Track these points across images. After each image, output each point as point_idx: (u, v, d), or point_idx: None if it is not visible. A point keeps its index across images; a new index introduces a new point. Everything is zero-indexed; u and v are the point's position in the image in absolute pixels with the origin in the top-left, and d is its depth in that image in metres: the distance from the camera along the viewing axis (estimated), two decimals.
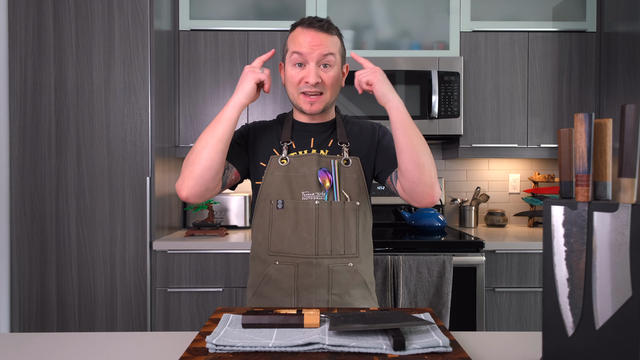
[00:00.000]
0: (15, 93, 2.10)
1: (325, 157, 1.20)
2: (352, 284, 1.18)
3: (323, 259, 1.15)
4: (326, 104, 1.19)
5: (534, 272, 2.15)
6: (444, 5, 2.44)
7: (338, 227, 1.17)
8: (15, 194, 2.10)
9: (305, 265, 1.15)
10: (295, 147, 1.23)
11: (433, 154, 2.80)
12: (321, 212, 1.16)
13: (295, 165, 1.19)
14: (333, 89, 1.19)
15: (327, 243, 1.16)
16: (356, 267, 1.19)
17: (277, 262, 1.17)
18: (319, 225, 1.16)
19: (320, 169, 1.18)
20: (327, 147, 1.23)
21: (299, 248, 1.16)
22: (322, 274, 1.15)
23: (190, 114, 2.43)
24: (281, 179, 1.18)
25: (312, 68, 1.14)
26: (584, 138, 0.67)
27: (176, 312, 2.14)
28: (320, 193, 1.17)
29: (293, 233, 1.16)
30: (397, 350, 0.75)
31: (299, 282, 1.16)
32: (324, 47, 1.14)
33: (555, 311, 0.69)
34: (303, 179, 1.18)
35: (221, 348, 0.77)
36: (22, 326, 2.11)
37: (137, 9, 2.11)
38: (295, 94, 1.19)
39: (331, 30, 1.17)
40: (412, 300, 2.01)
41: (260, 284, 1.20)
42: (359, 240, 1.20)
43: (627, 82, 2.21)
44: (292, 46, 1.17)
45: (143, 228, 2.12)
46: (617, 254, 0.64)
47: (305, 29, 1.16)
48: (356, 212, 1.20)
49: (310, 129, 1.25)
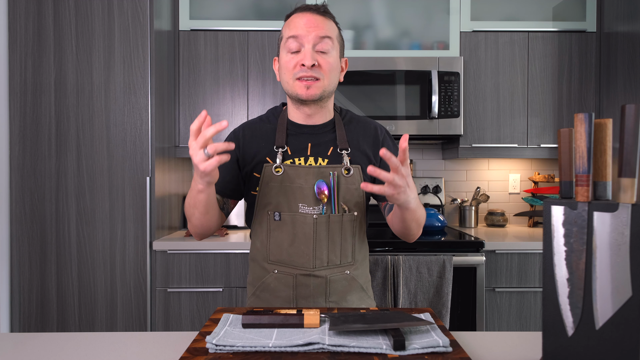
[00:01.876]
0: (15, 93, 2.10)
1: (323, 168, 1.14)
2: (349, 290, 1.17)
3: (320, 270, 1.14)
4: (323, 90, 1.11)
5: (534, 272, 2.15)
6: (444, 5, 2.44)
7: (335, 240, 1.14)
8: (15, 194, 2.10)
9: (304, 276, 1.14)
10: (290, 153, 1.15)
11: (433, 154, 2.81)
12: (319, 226, 1.13)
13: (291, 175, 1.13)
14: (331, 75, 1.12)
15: (325, 256, 1.14)
16: (352, 273, 1.18)
17: (275, 270, 1.16)
18: (316, 240, 1.13)
19: (316, 182, 1.12)
20: (327, 156, 1.15)
21: (297, 260, 1.14)
22: (319, 284, 1.14)
23: (190, 114, 2.42)
24: (277, 190, 1.13)
25: (309, 50, 1.08)
26: (584, 138, 0.67)
27: (176, 312, 2.14)
28: (318, 207, 1.13)
29: (291, 245, 1.13)
30: (397, 350, 0.75)
31: (297, 292, 1.14)
32: (320, 29, 1.09)
33: (555, 311, 0.69)
34: (300, 191, 1.13)
35: (221, 348, 0.77)
36: (22, 326, 2.11)
37: (137, 9, 2.11)
38: (290, 81, 1.11)
39: (327, 15, 1.13)
40: (412, 300, 2.01)
41: (258, 288, 1.19)
42: (355, 249, 1.18)
43: (627, 82, 2.21)
44: (287, 31, 1.11)
45: (143, 228, 2.12)
46: (617, 254, 0.64)
47: (300, 13, 1.12)
48: (353, 223, 1.17)
49: (307, 132, 1.17)
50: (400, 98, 2.32)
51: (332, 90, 1.15)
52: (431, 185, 2.70)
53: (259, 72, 2.42)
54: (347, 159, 1.15)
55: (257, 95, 2.43)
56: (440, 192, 2.70)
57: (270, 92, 2.43)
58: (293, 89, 1.12)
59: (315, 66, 1.09)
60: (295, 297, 1.15)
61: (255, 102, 2.43)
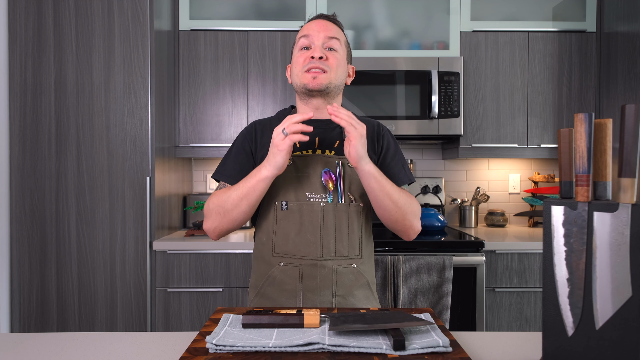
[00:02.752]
0: (15, 93, 2.10)
1: (330, 157, 1.18)
2: (356, 285, 1.18)
3: (327, 261, 1.14)
4: (330, 81, 1.17)
5: (534, 272, 2.15)
6: (444, 5, 2.44)
7: (343, 229, 1.16)
8: (15, 194, 2.10)
9: (310, 267, 1.14)
10: (299, 146, 1.21)
11: (433, 154, 2.81)
12: (326, 214, 1.15)
13: (299, 165, 1.17)
14: (337, 70, 1.19)
15: (332, 245, 1.15)
16: (359, 268, 1.18)
17: (281, 263, 1.16)
18: (324, 227, 1.15)
19: (323, 170, 1.16)
20: (333, 148, 1.20)
21: (303, 250, 1.15)
22: (326, 276, 1.14)
23: (190, 114, 2.43)
24: (285, 180, 1.16)
25: (318, 45, 1.18)
26: (584, 138, 0.67)
27: (176, 312, 2.14)
28: (325, 195, 1.16)
29: (298, 235, 1.15)
30: (397, 350, 0.75)
31: (304, 284, 1.15)
32: (329, 31, 1.19)
33: (555, 311, 0.69)
34: (307, 179, 1.17)
35: (221, 348, 0.77)
36: (22, 326, 2.11)
37: (137, 9, 2.11)
38: (300, 73, 1.19)
39: (337, 23, 1.24)
40: (412, 300, 2.01)
41: (263, 284, 1.19)
42: (362, 242, 1.19)
43: (627, 82, 2.21)
44: (300, 34, 1.21)
45: (143, 228, 2.12)
46: (617, 254, 0.64)
47: (313, 20, 1.23)
48: (360, 214, 1.19)
49: (315, 126, 1.20)
50: (400, 98, 2.32)
51: (338, 85, 1.21)
52: (431, 185, 2.70)
53: (259, 72, 2.42)
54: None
55: (257, 95, 2.43)
56: (440, 192, 2.70)
57: (270, 92, 2.43)
58: (301, 80, 1.18)
59: (323, 59, 1.17)
60: (302, 289, 1.15)
61: (255, 102, 2.43)
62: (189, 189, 2.72)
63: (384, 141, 1.24)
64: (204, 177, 2.79)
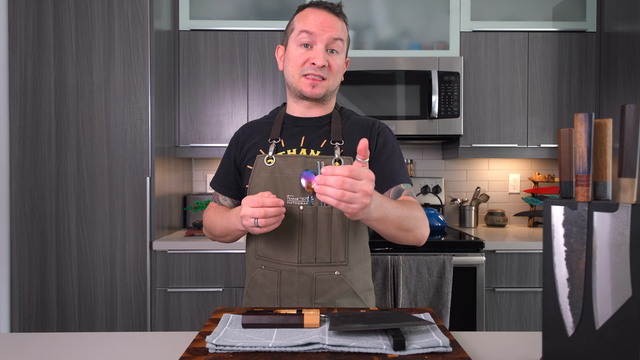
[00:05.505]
0: (15, 93, 2.10)
1: (311, 157, 1.11)
2: (338, 293, 1.11)
3: (306, 268, 1.09)
4: (327, 90, 1.13)
5: (534, 272, 2.15)
6: (444, 5, 2.44)
7: (322, 235, 1.09)
8: (15, 194, 2.10)
9: (288, 272, 1.10)
10: (284, 145, 1.14)
11: (433, 154, 2.81)
12: (305, 217, 1.09)
13: (281, 166, 1.11)
14: (337, 76, 1.14)
15: (311, 251, 1.09)
16: (344, 275, 1.11)
17: (262, 266, 1.14)
18: (302, 233, 1.09)
19: (303, 172, 1.08)
20: (319, 148, 1.13)
21: (282, 255, 1.10)
22: (304, 283, 1.09)
23: (190, 114, 2.42)
24: (267, 181, 1.11)
25: (321, 50, 1.09)
26: (584, 138, 0.67)
27: (176, 312, 2.14)
28: (304, 198, 1.09)
29: (277, 239, 1.10)
30: (397, 350, 0.75)
31: (282, 289, 1.11)
32: (334, 31, 1.10)
33: (555, 311, 0.69)
34: (288, 181, 1.10)
35: (221, 348, 0.77)
36: (22, 326, 2.11)
37: (137, 9, 2.11)
38: (296, 76, 1.11)
39: (341, 16, 1.14)
40: (412, 300, 2.01)
41: (248, 286, 1.18)
42: (348, 248, 1.11)
43: (627, 82, 2.20)
44: (301, 25, 1.10)
45: (143, 228, 2.12)
46: (617, 254, 0.64)
47: (316, 9, 1.11)
48: (344, 218, 1.10)
49: (303, 124, 1.16)
50: (400, 98, 2.32)
51: (334, 89, 1.16)
52: (431, 185, 2.70)
53: (259, 72, 2.42)
54: (339, 151, 1.11)
55: (257, 95, 2.43)
56: (440, 192, 2.70)
57: (270, 92, 2.43)
58: (298, 85, 1.12)
59: (324, 67, 1.10)
60: (280, 294, 1.11)
61: (255, 102, 2.43)
62: (189, 189, 2.72)
63: (380, 139, 1.15)
64: (204, 177, 2.79)
